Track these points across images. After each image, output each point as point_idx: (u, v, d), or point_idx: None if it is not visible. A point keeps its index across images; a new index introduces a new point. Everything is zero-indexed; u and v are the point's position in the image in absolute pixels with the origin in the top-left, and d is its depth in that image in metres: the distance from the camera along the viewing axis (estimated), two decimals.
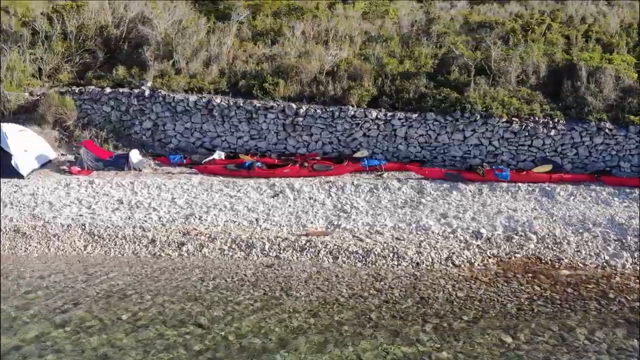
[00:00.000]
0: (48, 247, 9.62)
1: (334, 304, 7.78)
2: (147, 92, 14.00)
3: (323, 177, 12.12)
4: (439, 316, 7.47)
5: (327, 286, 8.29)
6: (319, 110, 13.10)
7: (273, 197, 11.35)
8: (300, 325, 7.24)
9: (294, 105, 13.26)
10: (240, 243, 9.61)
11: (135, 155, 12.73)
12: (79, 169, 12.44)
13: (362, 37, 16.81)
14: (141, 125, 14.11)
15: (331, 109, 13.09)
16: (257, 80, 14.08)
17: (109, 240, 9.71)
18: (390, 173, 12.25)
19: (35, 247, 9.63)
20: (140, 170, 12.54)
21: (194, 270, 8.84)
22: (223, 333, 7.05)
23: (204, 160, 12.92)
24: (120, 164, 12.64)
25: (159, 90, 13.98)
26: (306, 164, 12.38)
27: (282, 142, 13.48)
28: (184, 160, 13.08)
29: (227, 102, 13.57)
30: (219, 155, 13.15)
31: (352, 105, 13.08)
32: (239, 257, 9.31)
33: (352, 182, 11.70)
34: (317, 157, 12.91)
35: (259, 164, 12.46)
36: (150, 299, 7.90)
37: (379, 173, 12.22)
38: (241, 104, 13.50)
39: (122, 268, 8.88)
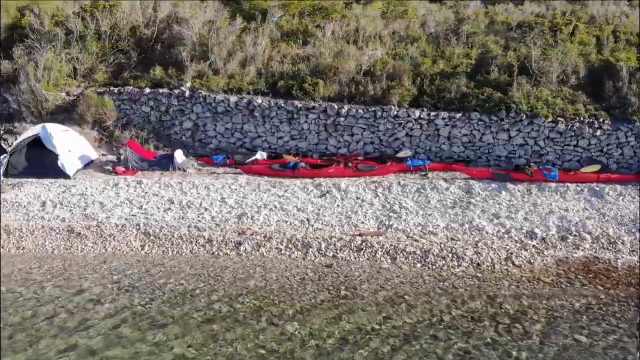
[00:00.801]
0: (105, 247, 9.67)
1: (401, 304, 7.79)
2: (187, 93, 14.03)
3: (367, 177, 12.12)
4: (509, 316, 7.48)
5: (391, 286, 8.30)
6: (360, 110, 13.11)
7: (320, 197, 11.36)
8: (373, 325, 7.24)
9: (335, 106, 13.28)
10: (296, 242, 9.63)
11: (179, 156, 12.77)
12: (124, 169, 12.48)
13: (392, 38, 16.81)
14: (181, 125, 14.15)
15: (373, 108, 13.09)
16: (295, 80, 14.11)
17: (166, 240, 9.75)
18: (435, 173, 12.24)
19: (92, 247, 9.68)
20: (184, 171, 12.58)
21: (255, 269, 8.87)
22: (298, 332, 7.08)
23: (247, 160, 12.94)
24: (164, 164, 12.67)
25: (199, 91, 14.00)
26: (350, 164, 12.38)
27: (323, 142, 13.50)
28: (227, 161, 13.10)
29: (268, 102, 13.60)
30: (261, 155, 13.18)
31: (394, 105, 13.07)
32: (296, 257, 9.33)
33: (399, 182, 11.70)
34: (360, 157, 12.92)
35: (302, 164, 12.48)
36: (218, 298, 7.93)
37: (424, 173, 12.20)
38: (282, 105, 13.53)
39: (183, 268, 8.92)
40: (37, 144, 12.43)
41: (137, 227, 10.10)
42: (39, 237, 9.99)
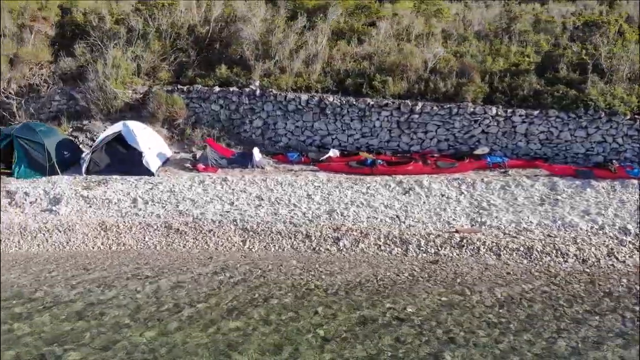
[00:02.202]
0: (206, 242, 9.82)
1: (521, 299, 7.88)
2: (258, 91, 14.15)
3: (447, 174, 12.19)
4: (630, 311, 7.55)
5: (504, 282, 8.39)
6: (435, 108, 13.19)
7: (404, 194, 11.45)
8: (500, 319, 7.34)
9: (409, 103, 13.36)
10: (394, 239, 9.73)
11: (257, 153, 12.91)
12: (204, 166, 12.62)
13: (443, 36, 16.90)
14: (251, 124, 14.29)
15: (448, 105, 13.18)
16: (363, 78, 14.21)
17: (265, 236, 9.89)
18: (515, 170, 12.29)
19: (193, 242, 9.84)
20: (262, 168, 12.71)
21: (361, 265, 8.99)
22: (427, 326, 7.17)
23: (321, 158, 13.05)
24: (242, 161, 12.83)
25: (270, 89, 14.13)
26: (428, 161, 12.46)
27: (395, 139, 13.58)
28: (302, 158, 13.21)
29: (339, 100, 13.70)
30: (333, 152, 13.28)
31: (469, 102, 13.15)
32: (397, 253, 9.44)
33: (482, 179, 11.77)
34: (435, 154, 12.99)
35: (379, 161, 12.56)
36: (334, 293, 8.05)
37: (503, 170, 12.26)
38: (354, 103, 13.63)
39: (290, 262, 9.05)
40: (116, 141, 12.59)
41: (234, 222, 10.26)
42: (138, 234, 10.18)
